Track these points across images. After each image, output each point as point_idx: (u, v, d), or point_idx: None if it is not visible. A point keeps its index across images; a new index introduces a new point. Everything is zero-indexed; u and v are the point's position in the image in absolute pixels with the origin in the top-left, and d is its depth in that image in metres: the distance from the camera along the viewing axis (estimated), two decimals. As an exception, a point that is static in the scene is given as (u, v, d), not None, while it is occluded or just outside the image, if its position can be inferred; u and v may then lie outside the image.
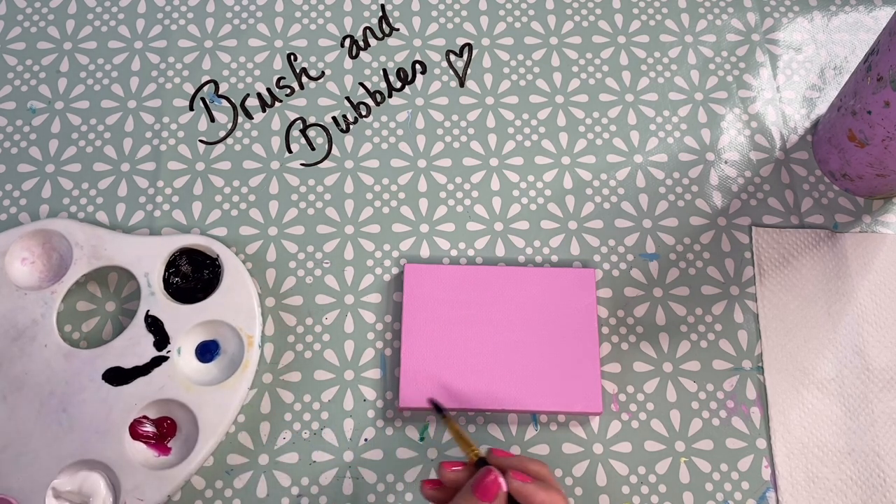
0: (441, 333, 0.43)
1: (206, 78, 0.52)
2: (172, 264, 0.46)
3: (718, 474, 0.42)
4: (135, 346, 0.43)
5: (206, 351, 0.44)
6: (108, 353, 0.43)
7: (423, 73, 0.52)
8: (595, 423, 0.43)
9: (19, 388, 0.42)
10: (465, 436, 0.37)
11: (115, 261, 0.45)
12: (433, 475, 0.42)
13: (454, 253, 0.47)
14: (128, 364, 0.43)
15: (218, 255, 0.46)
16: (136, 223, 0.48)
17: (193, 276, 0.46)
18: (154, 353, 0.43)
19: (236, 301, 0.44)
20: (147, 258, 0.45)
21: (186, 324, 0.44)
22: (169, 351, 0.43)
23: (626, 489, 0.42)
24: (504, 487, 0.33)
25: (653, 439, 0.43)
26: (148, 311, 0.44)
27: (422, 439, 0.43)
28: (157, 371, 0.43)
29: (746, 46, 0.53)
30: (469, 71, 0.52)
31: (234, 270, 0.45)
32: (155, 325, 0.44)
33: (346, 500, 0.42)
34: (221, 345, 0.44)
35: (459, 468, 0.35)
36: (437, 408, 0.40)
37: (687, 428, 0.43)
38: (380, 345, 0.45)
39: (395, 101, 0.51)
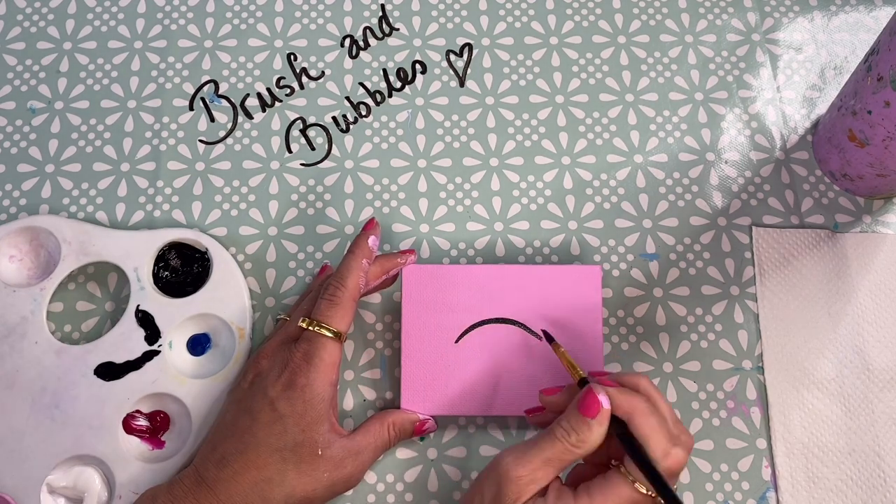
0: (441, 334, 0.43)
1: (206, 78, 0.52)
2: (162, 258, 0.46)
3: (718, 474, 0.42)
4: (126, 340, 0.43)
5: (198, 344, 0.44)
6: (100, 348, 0.43)
7: (423, 73, 0.52)
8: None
9: (10, 385, 0.42)
10: (571, 359, 0.39)
11: (103, 256, 0.45)
12: (433, 475, 0.42)
13: (454, 253, 0.47)
14: (119, 359, 0.43)
15: (207, 249, 0.46)
16: (136, 223, 0.48)
17: (183, 270, 0.46)
18: (145, 347, 0.43)
19: (226, 294, 0.44)
20: (136, 253, 0.45)
21: (177, 318, 0.44)
22: (160, 345, 0.43)
23: None
24: (606, 405, 0.34)
25: (653, 439, 0.43)
26: (138, 305, 0.44)
27: (422, 439, 0.43)
28: (148, 365, 0.43)
29: (746, 46, 0.53)
30: (469, 71, 0.52)
31: (223, 264, 0.45)
32: (145, 320, 0.44)
33: (345, 500, 0.42)
34: (213, 338, 0.45)
35: (558, 392, 0.38)
36: (548, 337, 0.41)
37: (687, 428, 0.43)
38: (380, 345, 0.45)
39: (395, 101, 0.51)
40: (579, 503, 0.33)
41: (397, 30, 0.53)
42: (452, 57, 0.52)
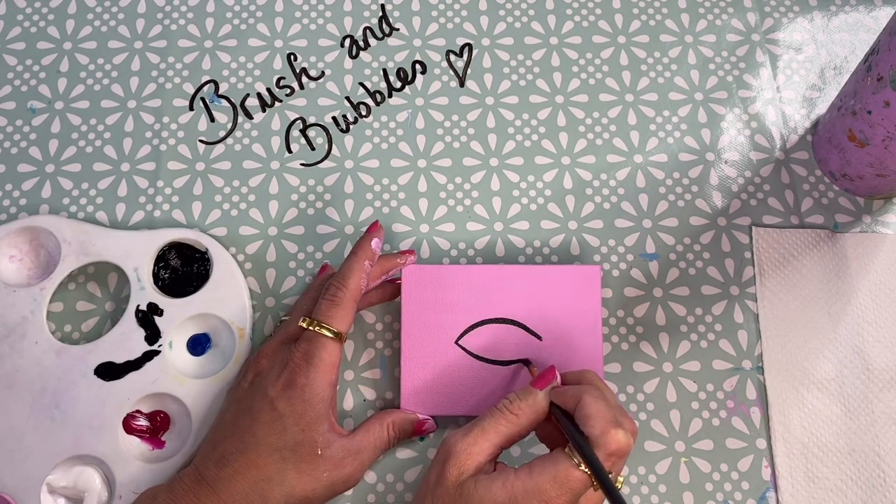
0: (441, 334, 0.43)
1: (206, 78, 0.52)
2: (162, 258, 0.46)
3: (718, 474, 0.42)
4: (126, 340, 0.43)
5: (198, 344, 0.44)
6: (100, 348, 0.43)
7: (423, 73, 0.52)
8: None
9: (10, 385, 0.42)
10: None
11: (103, 256, 0.45)
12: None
13: (454, 253, 0.47)
14: (119, 359, 0.43)
15: (207, 249, 0.46)
16: (136, 223, 0.48)
17: (183, 269, 0.46)
18: (145, 347, 0.43)
19: (227, 294, 0.44)
20: (136, 253, 0.45)
21: (177, 317, 0.44)
22: (160, 345, 0.43)
23: (626, 489, 0.42)
24: (558, 379, 0.37)
25: (653, 439, 0.43)
26: (138, 305, 0.44)
27: (422, 439, 0.43)
28: (149, 365, 0.43)
29: (746, 46, 0.53)
30: (469, 71, 0.52)
31: (223, 263, 0.45)
32: (145, 320, 0.44)
33: (345, 500, 0.42)
34: (213, 338, 0.45)
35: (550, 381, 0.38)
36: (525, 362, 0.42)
37: (687, 428, 0.43)
38: (380, 345, 0.45)
39: (395, 101, 0.51)
40: (519, 475, 0.33)
41: (397, 30, 0.53)
42: (452, 57, 0.52)
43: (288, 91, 0.51)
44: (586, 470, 0.32)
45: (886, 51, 0.40)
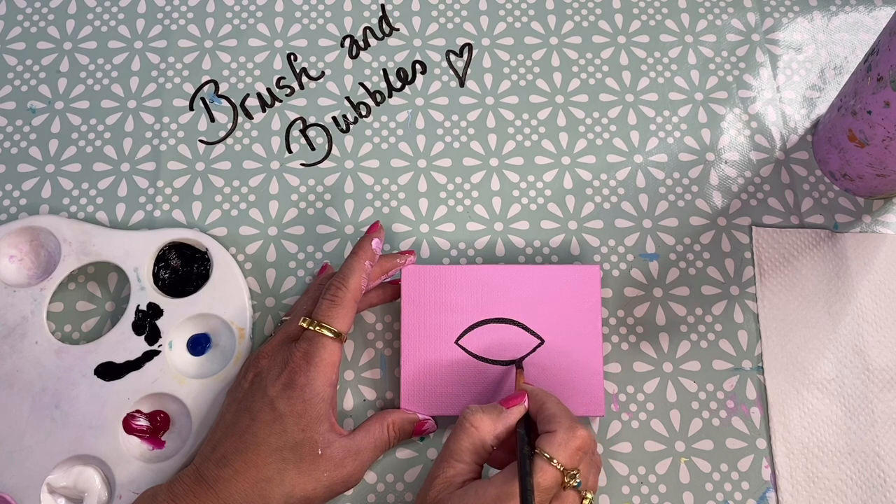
0: (441, 334, 0.43)
1: (206, 78, 0.52)
2: (162, 258, 0.46)
3: (718, 474, 0.42)
4: (126, 340, 0.43)
5: (198, 344, 0.44)
6: (100, 348, 0.43)
7: (423, 73, 0.52)
8: (595, 423, 0.43)
9: (10, 385, 0.42)
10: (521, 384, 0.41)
11: (103, 256, 0.45)
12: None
13: (454, 253, 0.47)
14: (119, 359, 0.43)
15: (207, 249, 0.46)
16: (136, 223, 0.48)
17: (183, 269, 0.46)
18: (145, 347, 0.43)
19: (227, 294, 0.44)
20: (136, 253, 0.45)
21: (177, 317, 0.44)
22: (160, 345, 0.43)
23: (626, 489, 0.42)
24: (525, 403, 0.38)
25: (653, 439, 0.43)
26: (138, 305, 0.44)
27: (422, 439, 0.43)
28: (149, 365, 0.43)
29: (746, 46, 0.53)
30: (469, 71, 0.52)
31: (223, 263, 0.45)
32: (145, 320, 0.44)
33: (345, 500, 0.42)
34: (213, 338, 0.45)
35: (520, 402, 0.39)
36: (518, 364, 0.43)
37: (687, 428, 0.43)
38: (380, 345, 0.45)
39: (395, 101, 0.51)
40: (492, 482, 0.34)
41: (397, 30, 0.53)
42: (452, 57, 0.52)
43: (288, 91, 0.51)
44: (558, 466, 0.34)
45: (886, 51, 0.40)
